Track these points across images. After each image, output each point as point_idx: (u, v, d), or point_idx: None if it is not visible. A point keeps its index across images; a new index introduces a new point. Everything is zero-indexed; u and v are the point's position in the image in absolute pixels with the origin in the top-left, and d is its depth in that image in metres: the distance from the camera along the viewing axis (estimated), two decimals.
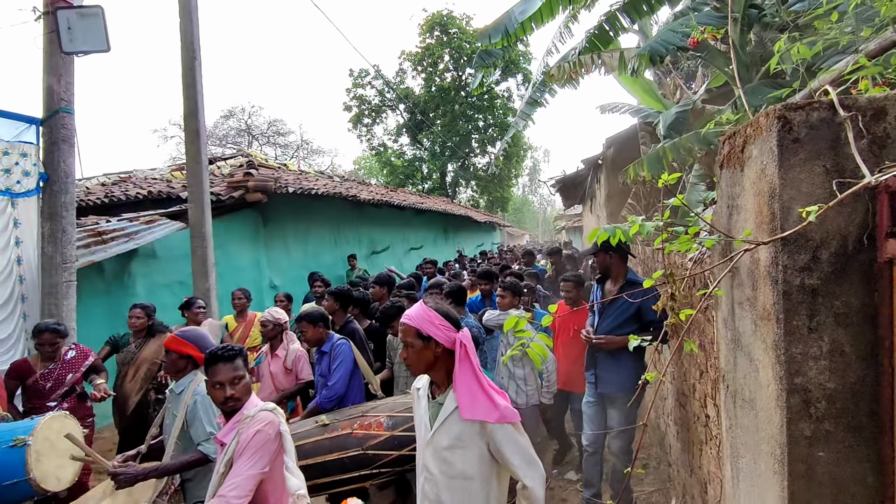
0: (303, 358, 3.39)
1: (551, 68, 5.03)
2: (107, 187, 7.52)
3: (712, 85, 5.61)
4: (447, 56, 22.34)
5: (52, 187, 3.73)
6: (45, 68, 3.71)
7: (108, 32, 3.68)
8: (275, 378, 3.38)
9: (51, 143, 3.75)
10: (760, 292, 1.19)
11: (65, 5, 3.61)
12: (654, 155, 4.48)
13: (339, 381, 2.91)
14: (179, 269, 5.42)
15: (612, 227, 1.61)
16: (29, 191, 3.66)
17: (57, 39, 3.58)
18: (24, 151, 3.65)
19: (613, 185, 8.08)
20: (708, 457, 2.06)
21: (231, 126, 25.39)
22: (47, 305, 3.63)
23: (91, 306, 4.48)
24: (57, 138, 3.76)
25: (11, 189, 3.54)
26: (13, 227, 3.56)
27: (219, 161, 8.89)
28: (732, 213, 1.40)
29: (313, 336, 3.05)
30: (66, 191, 3.79)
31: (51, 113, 3.73)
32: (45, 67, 3.71)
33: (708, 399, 2.06)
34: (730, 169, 1.40)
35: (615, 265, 3.02)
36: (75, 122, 3.88)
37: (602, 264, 3.05)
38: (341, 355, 2.98)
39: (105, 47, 3.65)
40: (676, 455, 2.89)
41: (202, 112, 4.84)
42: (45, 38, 3.69)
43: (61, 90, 3.75)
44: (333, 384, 2.90)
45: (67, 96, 3.81)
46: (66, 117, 3.78)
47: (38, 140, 3.74)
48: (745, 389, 1.35)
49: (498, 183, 23.98)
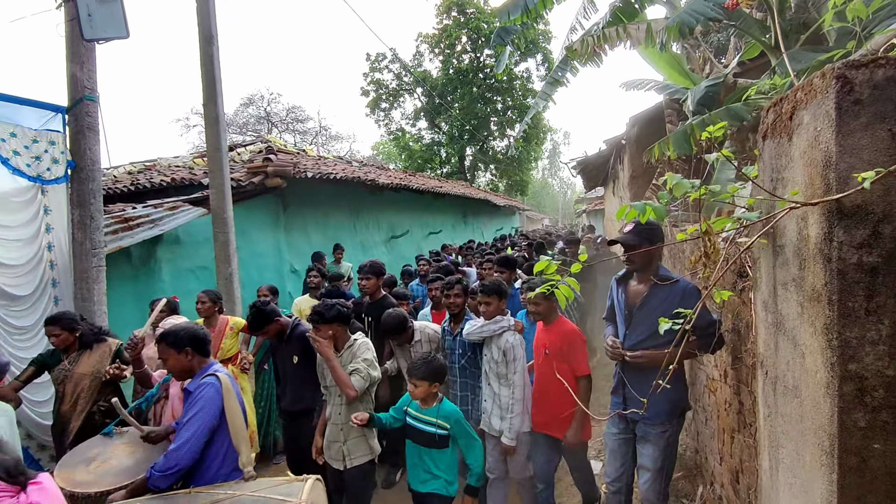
0: None
1: (574, 43, 4.84)
2: (133, 175, 7.67)
3: (745, 57, 5.31)
4: (465, 37, 21.91)
5: (80, 174, 3.79)
6: (67, 56, 3.75)
7: (126, 19, 3.69)
8: (172, 403, 2.85)
9: (76, 131, 3.81)
10: (809, 272, 1.10)
11: None
12: (680, 133, 4.28)
13: (184, 444, 1.96)
14: (203, 254, 5.51)
15: (642, 203, 1.52)
16: (58, 178, 3.74)
17: (78, 27, 3.60)
18: (52, 139, 3.71)
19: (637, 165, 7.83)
20: (741, 445, 1.98)
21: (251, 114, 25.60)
22: (79, 290, 3.74)
23: (120, 291, 4.60)
24: (82, 126, 3.81)
25: (42, 176, 3.61)
26: (44, 213, 3.65)
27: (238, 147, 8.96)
28: (777, 187, 1.30)
29: (175, 365, 2.16)
30: (93, 178, 3.85)
31: (75, 101, 3.77)
32: (68, 55, 3.75)
33: (742, 385, 1.97)
34: (775, 139, 1.30)
35: (645, 257, 2.65)
36: (99, 110, 3.93)
37: (638, 259, 2.36)
38: (200, 402, 2.03)
39: (124, 34, 3.65)
40: (705, 442, 2.81)
41: (221, 99, 4.84)
42: (66, 25, 3.72)
43: (84, 78, 3.79)
44: (175, 449, 1.97)
45: (91, 84, 3.85)
46: (90, 105, 3.82)
47: (65, 128, 3.80)
48: (788, 376, 1.26)
49: (517, 166, 23.64)
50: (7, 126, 3.41)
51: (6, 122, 3.41)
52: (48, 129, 3.67)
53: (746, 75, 5.49)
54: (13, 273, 3.42)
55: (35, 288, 3.55)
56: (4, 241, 3.40)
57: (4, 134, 3.38)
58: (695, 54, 6.68)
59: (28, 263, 3.52)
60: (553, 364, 2.66)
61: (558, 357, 2.67)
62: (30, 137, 3.53)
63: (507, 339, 2.72)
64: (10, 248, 3.43)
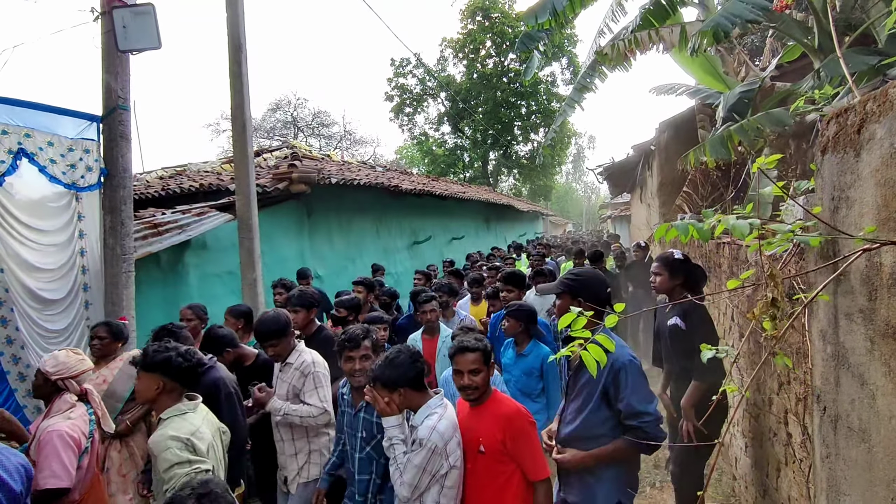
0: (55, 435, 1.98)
1: (604, 48, 4.71)
2: (164, 180, 7.89)
3: (784, 60, 5.07)
4: (489, 42, 21.88)
5: (112, 182, 3.89)
6: (103, 67, 3.85)
7: (159, 30, 3.77)
8: None
9: (110, 140, 3.91)
10: (882, 304, 0.98)
11: (120, 4, 3.72)
12: (717, 138, 4.10)
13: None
14: (229, 259, 5.58)
15: (685, 223, 1.41)
16: (91, 185, 3.83)
17: (113, 38, 3.70)
18: (87, 148, 3.82)
19: (667, 172, 7.60)
20: (789, 480, 1.83)
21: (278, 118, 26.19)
22: (110, 295, 3.82)
23: (149, 295, 4.69)
24: (115, 135, 3.91)
25: (76, 183, 3.71)
26: (77, 220, 3.74)
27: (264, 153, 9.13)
28: (840, 207, 1.18)
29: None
30: (124, 185, 3.94)
31: (109, 110, 3.87)
32: (104, 66, 3.85)
33: (790, 415, 1.82)
34: (837, 153, 1.18)
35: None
36: (133, 118, 4.03)
37: (558, 313, 2.12)
38: None
39: (157, 44, 3.73)
40: (744, 470, 2.64)
41: (248, 106, 4.91)
42: (102, 37, 3.82)
43: (118, 88, 3.89)
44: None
45: (124, 94, 3.94)
46: (123, 114, 3.92)
47: (99, 136, 3.90)
48: (853, 417, 1.14)
49: (541, 171, 23.40)
50: (45, 135, 3.52)
51: (44, 131, 3.52)
52: (83, 138, 3.77)
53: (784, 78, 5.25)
54: (47, 277, 3.52)
55: (68, 292, 3.64)
56: (40, 246, 3.50)
57: (42, 143, 3.49)
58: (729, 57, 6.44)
59: (62, 268, 3.62)
60: (492, 466, 1.87)
61: (498, 455, 1.87)
62: (66, 146, 3.63)
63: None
64: (45, 252, 3.53)
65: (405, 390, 1.88)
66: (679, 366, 2.57)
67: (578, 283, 2.06)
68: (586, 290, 2.01)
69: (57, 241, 3.61)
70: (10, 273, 3.32)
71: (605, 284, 2.08)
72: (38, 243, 3.49)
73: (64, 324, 3.57)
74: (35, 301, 3.44)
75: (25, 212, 3.45)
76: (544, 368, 2.96)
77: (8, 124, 3.31)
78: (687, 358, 2.45)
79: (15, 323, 3.31)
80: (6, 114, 3.31)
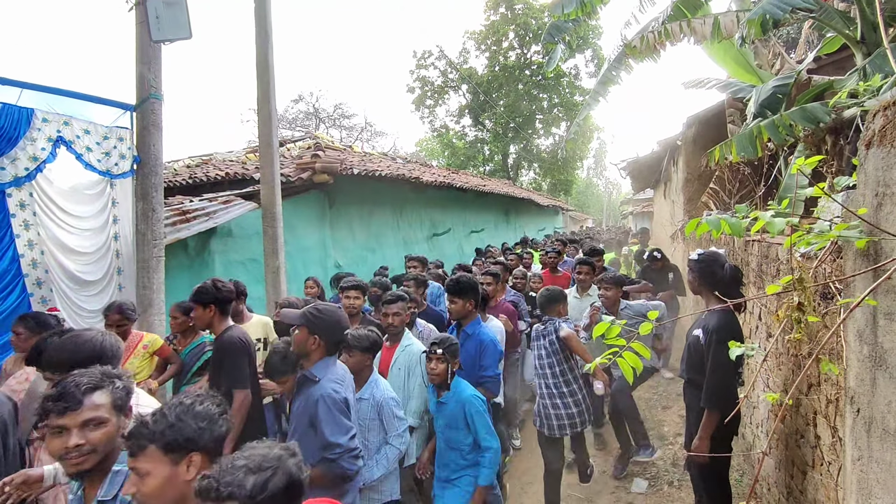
0: None
1: (632, 40, 4.61)
2: (191, 169, 8.09)
3: (823, 52, 4.87)
4: (512, 34, 21.60)
5: (144, 169, 4.01)
6: (137, 57, 3.96)
7: (190, 20, 3.85)
8: None
9: (142, 128, 4.02)
10: None
11: None
12: (745, 134, 3.97)
13: None
14: (252, 247, 5.70)
15: (717, 217, 1.39)
16: (125, 172, 3.96)
17: (146, 29, 3.80)
18: (121, 136, 3.94)
19: (693, 168, 7.43)
20: (816, 483, 1.80)
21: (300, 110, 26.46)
22: (141, 278, 3.95)
23: (177, 279, 4.84)
24: (148, 123, 4.03)
25: (111, 171, 3.84)
26: (111, 206, 3.88)
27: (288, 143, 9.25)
28: (884, 203, 1.14)
29: None
30: (155, 173, 4.06)
31: (142, 100, 3.99)
32: (137, 56, 3.96)
33: (819, 417, 1.78)
34: (883, 148, 1.14)
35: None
36: (163, 108, 4.13)
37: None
38: None
39: (188, 34, 3.81)
40: (767, 471, 2.60)
41: (274, 97, 4.98)
42: (136, 28, 3.93)
43: (151, 78, 3.99)
44: None
45: (157, 83, 4.05)
46: (155, 103, 4.02)
47: (132, 125, 4.02)
48: (889, 419, 1.11)
49: (562, 165, 23.10)
50: (82, 123, 3.64)
51: (81, 119, 3.65)
52: (117, 126, 3.90)
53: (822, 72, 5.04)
54: (84, 260, 3.66)
55: (103, 275, 3.79)
56: (77, 231, 3.64)
57: (79, 130, 3.62)
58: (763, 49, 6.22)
59: (98, 251, 3.76)
60: None
61: None
62: (101, 134, 3.75)
63: None
64: (83, 236, 3.67)
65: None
66: (689, 376, 2.54)
67: (318, 320, 2.08)
68: (325, 329, 2.07)
69: (93, 226, 3.76)
70: (49, 255, 3.47)
71: (344, 326, 2.15)
72: (76, 227, 3.64)
73: (99, 305, 3.72)
74: (73, 282, 3.59)
75: (63, 197, 3.59)
76: (468, 414, 2.41)
77: (48, 112, 3.44)
78: (697, 373, 2.41)
79: (54, 302, 3.46)
80: (47, 102, 3.44)
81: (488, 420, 2.44)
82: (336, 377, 2.07)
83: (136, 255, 3.97)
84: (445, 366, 2.42)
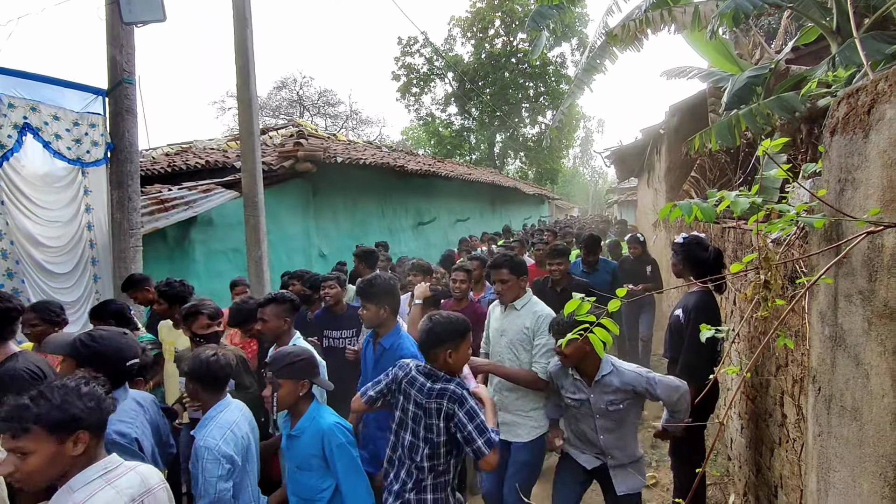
0: None
1: (614, 28, 4.61)
2: (170, 157, 7.90)
3: (801, 42, 4.94)
4: (498, 21, 21.43)
5: (119, 156, 3.90)
6: (107, 40, 3.84)
7: (163, 2, 3.73)
8: None
9: (115, 114, 3.91)
10: (881, 285, 0.99)
11: None
12: (724, 123, 4.04)
13: None
14: (235, 236, 5.63)
15: (689, 202, 1.41)
16: (98, 160, 3.85)
17: (118, 10, 3.67)
18: (93, 122, 3.82)
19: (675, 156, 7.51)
20: (781, 459, 1.87)
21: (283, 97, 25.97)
22: (118, 269, 3.88)
23: (156, 270, 4.74)
24: (121, 109, 3.91)
25: (82, 158, 3.73)
26: (83, 195, 3.78)
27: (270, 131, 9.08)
28: (845, 189, 1.17)
29: None
30: (130, 160, 3.96)
31: (115, 84, 3.87)
32: (108, 39, 3.83)
33: (786, 397, 1.85)
34: (846, 135, 1.17)
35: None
36: (137, 93, 4.01)
37: None
38: None
39: (161, 17, 3.69)
40: (739, 451, 2.69)
41: (254, 83, 4.87)
42: (106, 9, 3.79)
43: (123, 61, 3.87)
44: None
45: (129, 67, 3.93)
46: (128, 88, 3.91)
47: (105, 111, 3.90)
48: (847, 396, 1.16)
49: (548, 154, 23.16)
50: (50, 109, 3.52)
51: (49, 104, 3.52)
52: (89, 112, 3.78)
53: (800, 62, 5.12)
54: (54, 252, 3.57)
55: (75, 266, 3.70)
56: (45, 222, 3.54)
57: (47, 117, 3.50)
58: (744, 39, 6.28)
59: (69, 243, 3.67)
60: None
61: None
62: (71, 120, 3.63)
63: None
64: (52, 227, 3.57)
65: None
66: (672, 355, 2.59)
67: (90, 351, 1.72)
68: (98, 361, 1.69)
69: (63, 217, 3.66)
70: (19, 246, 3.38)
71: (126, 356, 1.77)
72: (44, 218, 3.54)
73: (74, 296, 3.64)
74: (43, 274, 3.51)
75: (31, 187, 3.49)
76: (327, 450, 1.85)
77: (14, 97, 3.32)
78: (679, 352, 2.45)
79: (27, 294, 3.38)
80: (13, 86, 3.32)
81: (355, 457, 1.87)
82: (123, 415, 1.69)
83: (112, 245, 3.89)
84: (288, 388, 1.85)
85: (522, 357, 2.46)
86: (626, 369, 2.15)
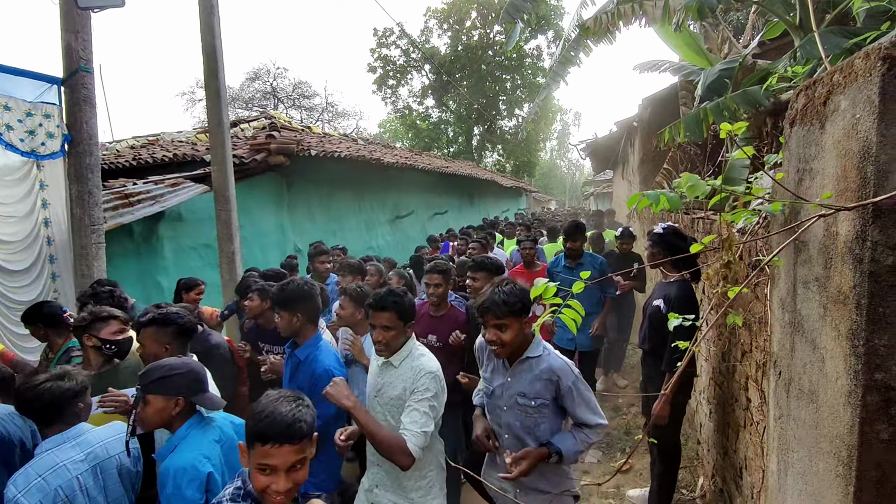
0: None
1: (586, 21, 4.64)
2: (135, 150, 7.60)
3: (767, 37, 5.08)
4: (474, 12, 21.33)
5: (77, 149, 3.72)
6: (62, 26, 3.63)
7: None
8: None
9: (73, 104, 3.72)
10: (836, 272, 1.02)
11: None
12: (692, 117, 4.12)
13: None
14: (206, 231, 5.46)
15: (656, 192, 1.43)
16: (54, 153, 3.66)
17: None
18: (48, 112, 3.63)
19: (648, 149, 7.64)
20: (746, 442, 1.93)
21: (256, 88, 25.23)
22: (79, 267, 3.71)
23: (122, 268, 4.58)
24: (78, 98, 3.72)
25: (36, 151, 3.54)
26: (39, 189, 3.59)
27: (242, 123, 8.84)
28: (804, 179, 1.20)
29: None
30: (90, 152, 3.78)
31: (71, 72, 3.67)
32: (63, 25, 3.63)
33: (750, 382, 1.91)
34: (804, 126, 1.20)
35: None
36: (100, 82, 3.84)
37: None
38: None
39: (119, 2, 3.52)
40: (707, 435, 2.77)
41: (223, 72, 4.71)
42: None
43: (80, 48, 3.68)
44: None
45: (86, 55, 3.74)
46: (86, 76, 3.72)
47: (61, 101, 3.71)
48: (804, 379, 1.20)
49: (525, 147, 23.28)
50: (1, 98, 3.33)
51: (0, 93, 3.33)
52: (43, 102, 3.58)
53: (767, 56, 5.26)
54: (9, 249, 3.39)
55: (32, 263, 3.52)
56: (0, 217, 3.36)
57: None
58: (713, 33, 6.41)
59: (25, 239, 3.49)
60: None
61: None
62: (24, 110, 3.45)
63: None
64: (6, 223, 3.39)
65: None
66: (651, 345, 2.64)
67: None
68: None
69: (17, 213, 3.47)
70: None
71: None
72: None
73: (32, 296, 3.47)
74: None
75: None
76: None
77: None
78: (659, 343, 2.49)
79: None
80: None
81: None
82: None
83: (73, 241, 3.71)
84: (157, 405, 1.60)
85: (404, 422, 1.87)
86: (560, 357, 1.81)
